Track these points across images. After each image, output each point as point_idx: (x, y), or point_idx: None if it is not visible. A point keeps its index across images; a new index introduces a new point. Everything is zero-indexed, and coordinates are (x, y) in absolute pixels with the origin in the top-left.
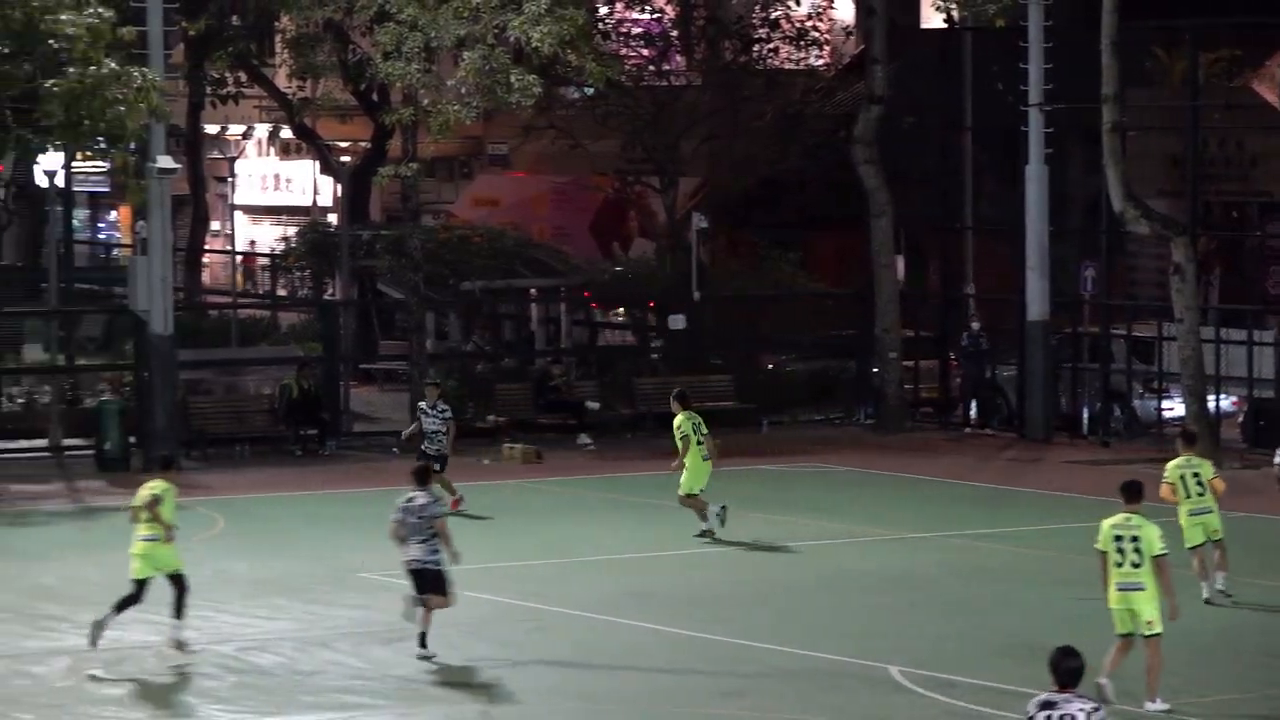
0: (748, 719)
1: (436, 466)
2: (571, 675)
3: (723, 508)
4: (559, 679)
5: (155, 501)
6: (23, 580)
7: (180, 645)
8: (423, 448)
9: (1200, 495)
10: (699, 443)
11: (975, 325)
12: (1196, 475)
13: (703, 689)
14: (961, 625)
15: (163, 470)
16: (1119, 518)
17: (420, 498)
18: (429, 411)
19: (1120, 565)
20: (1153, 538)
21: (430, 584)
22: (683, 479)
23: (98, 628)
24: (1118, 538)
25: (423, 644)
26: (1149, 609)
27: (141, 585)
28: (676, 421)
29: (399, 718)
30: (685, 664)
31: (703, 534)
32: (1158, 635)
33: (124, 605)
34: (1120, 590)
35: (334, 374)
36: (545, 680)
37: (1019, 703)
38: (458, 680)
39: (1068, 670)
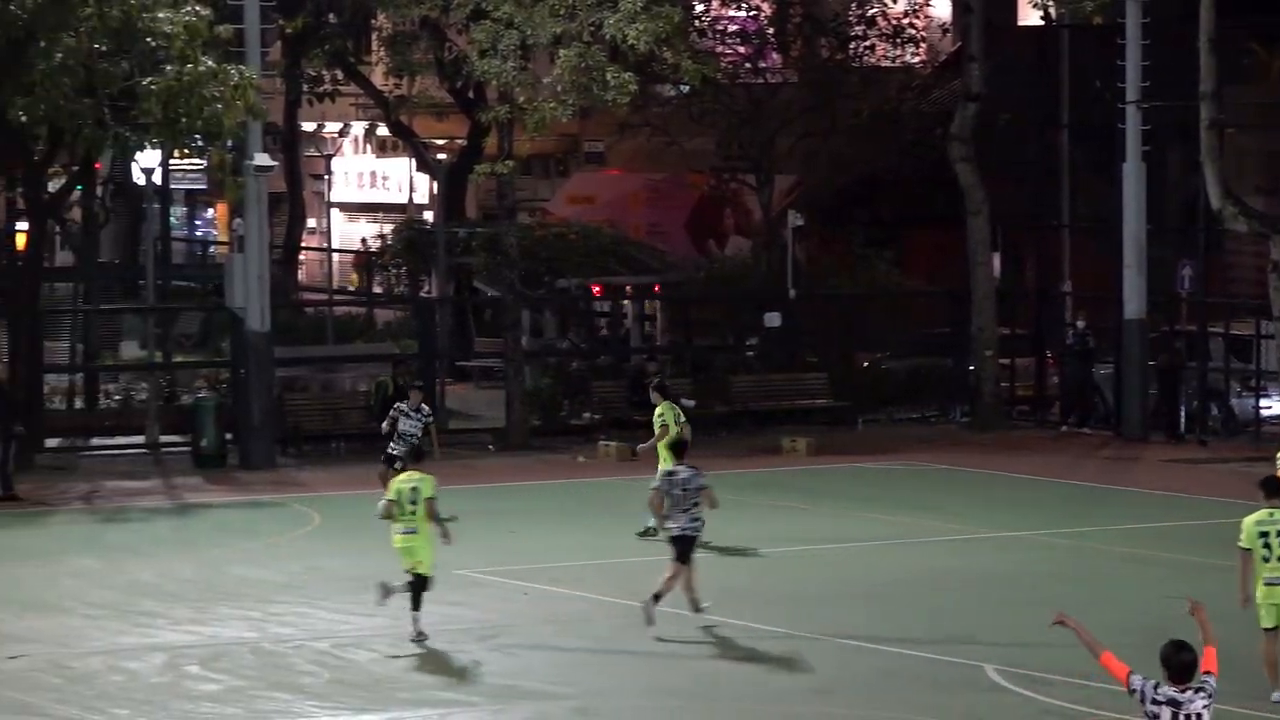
0: (840, 717)
1: (398, 465)
2: (664, 672)
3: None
4: (652, 675)
5: (430, 501)
6: (119, 576)
7: (420, 637)
8: (390, 447)
9: None
10: (678, 431)
11: (1080, 324)
12: None
13: (796, 687)
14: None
15: (415, 462)
16: (1262, 514)
17: (683, 472)
18: (410, 414)
19: (1268, 560)
20: None
21: (690, 549)
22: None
23: (415, 625)
24: (1263, 534)
25: (696, 609)
26: None
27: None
28: (658, 410)
29: (493, 715)
30: (777, 661)
31: (646, 531)
32: None
33: (416, 599)
34: (1269, 585)
35: (429, 371)
36: (638, 676)
37: (1115, 701)
38: (551, 677)
39: (1181, 664)
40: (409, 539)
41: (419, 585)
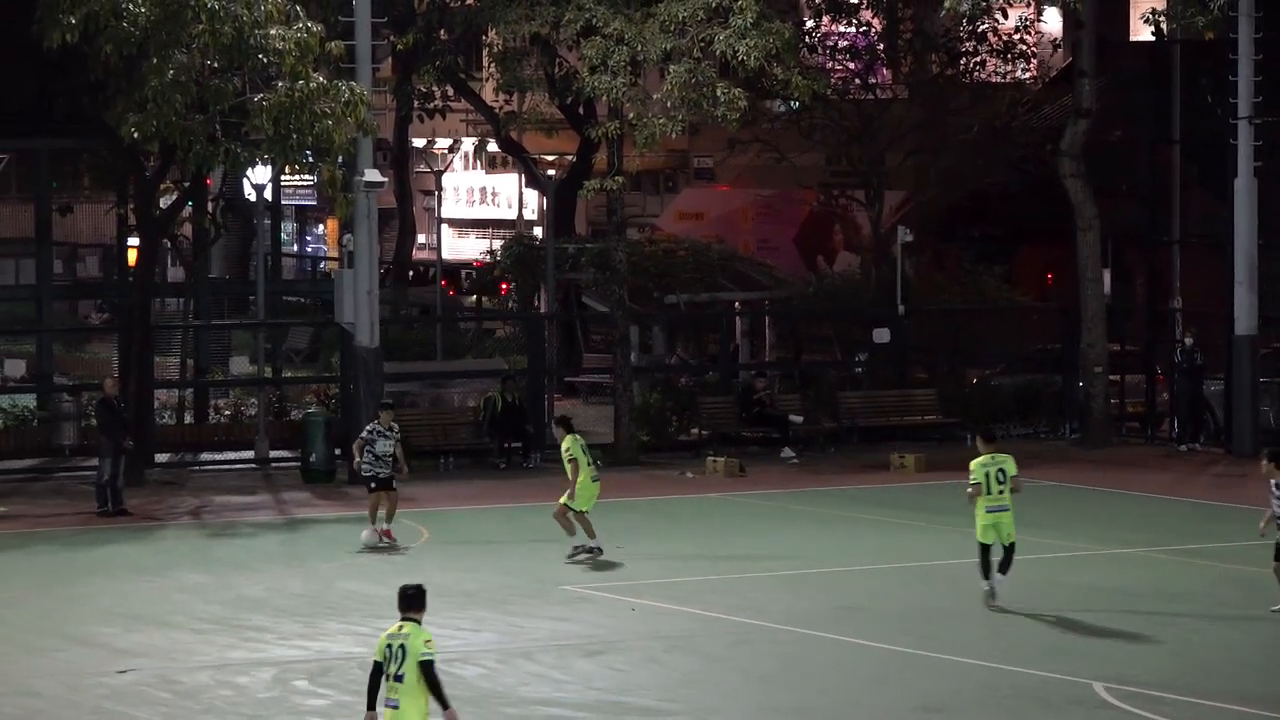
0: None
1: (375, 485)
2: (772, 689)
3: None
4: (762, 692)
5: (1016, 476)
6: (228, 591)
7: (992, 595)
8: (375, 472)
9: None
10: (588, 464)
11: (1189, 340)
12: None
13: (905, 704)
14: (1168, 641)
15: (986, 442)
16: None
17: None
18: (386, 434)
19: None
20: None
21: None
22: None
23: (990, 596)
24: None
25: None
26: None
27: (986, 550)
28: (564, 445)
29: None
30: (889, 678)
31: (575, 551)
32: None
33: (986, 568)
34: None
35: (538, 387)
36: (749, 694)
37: (1224, 718)
38: (659, 694)
39: None
40: (998, 516)
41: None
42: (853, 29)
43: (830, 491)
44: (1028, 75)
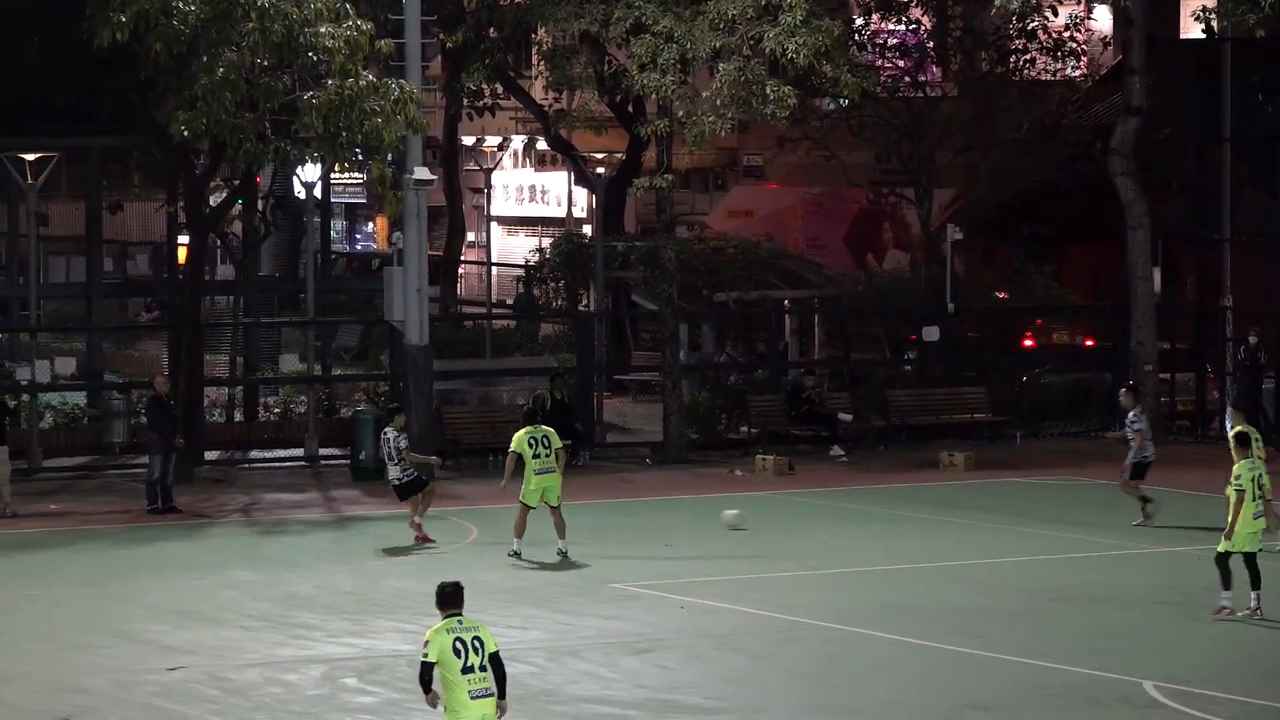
0: None
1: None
2: (819, 688)
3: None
4: (808, 690)
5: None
6: (277, 589)
7: (1256, 612)
8: (404, 475)
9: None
10: (533, 457)
11: (1253, 339)
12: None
13: (951, 702)
14: (1217, 640)
15: (1242, 447)
16: None
17: None
18: (400, 433)
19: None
20: None
21: None
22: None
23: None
24: None
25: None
26: None
27: (1228, 558)
28: (517, 437)
29: None
30: (937, 677)
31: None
32: None
33: (1228, 579)
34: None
35: (587, 385)
36: (795, 692)
37: (1276, 718)
38: (707, 691)
39: None
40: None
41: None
42: (902, 26)
43: (879, 490)
44: (1078, 73)
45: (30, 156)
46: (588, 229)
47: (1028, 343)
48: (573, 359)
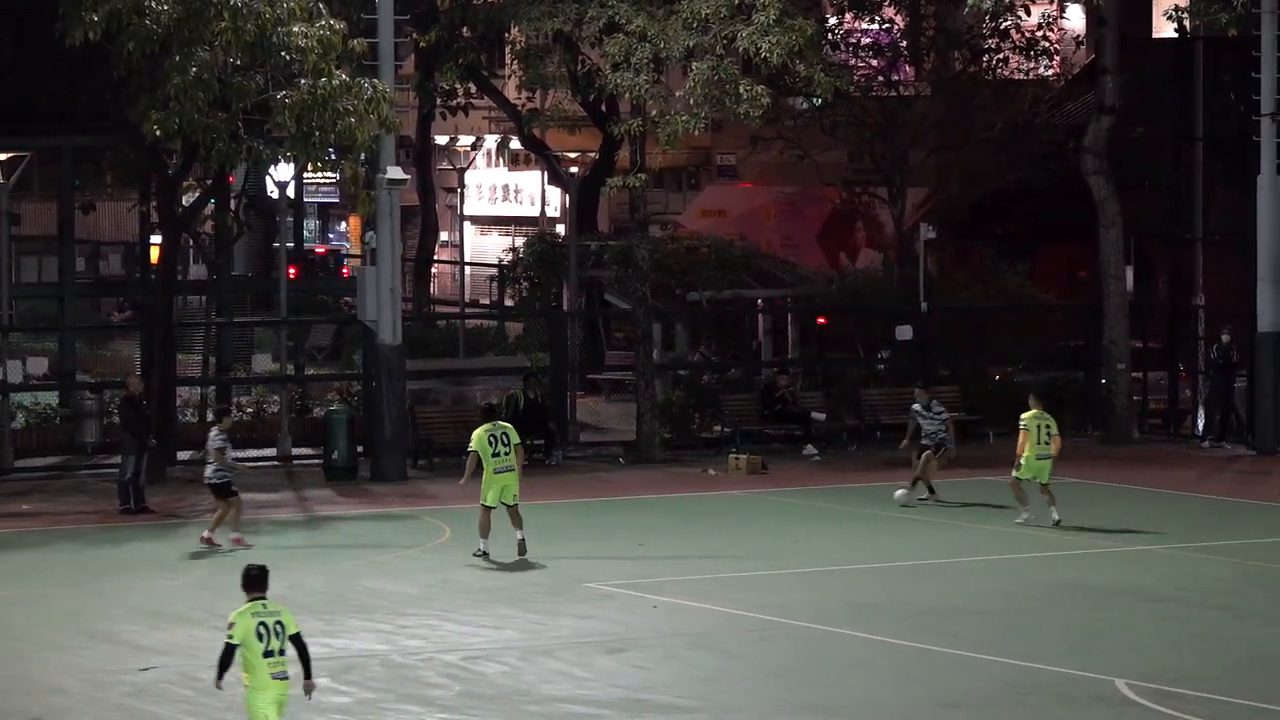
0: None
1: None
2: (793, 686)
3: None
4: (781, 690)
5: None
6: None
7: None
8: (215, 476)
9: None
10: (492, 455)
11: (1225, 338)
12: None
13: (924, 701)
14: (1189, 638)
15: None
16: None
17: None
18: (218, 435)
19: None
20: None
21: None
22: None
23: None
24: None
25: None
26: None
27: None
28: (476, 434)
29: None
30: (910, 675)
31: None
32: None
33: None
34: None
35: (561, 384)
36: (769, 691)
37: (1248, 717)
38: (681, 690)
39: None
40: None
41: None
42: (875, 26)
43: (852, 489)
44: (1051, 72)
45: (2, 156)
46: (561, 228)
47: (820, 321)
48: (546, 358)
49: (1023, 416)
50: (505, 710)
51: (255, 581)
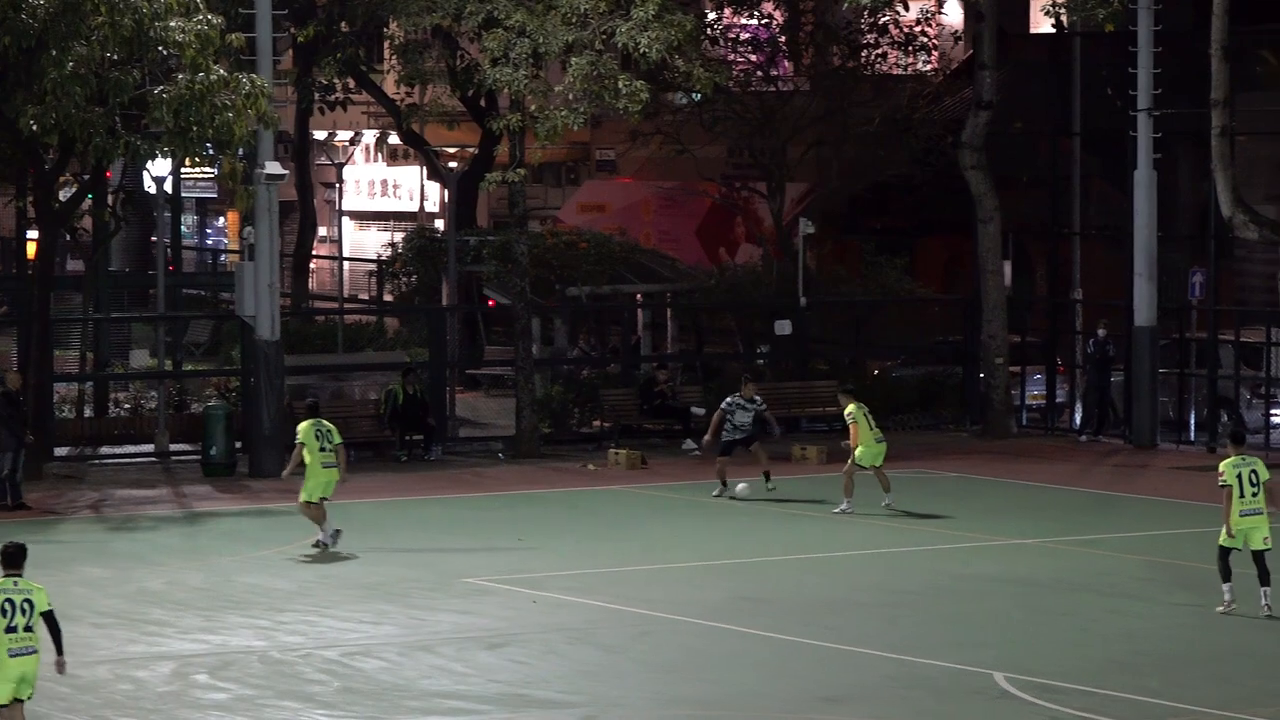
0: None
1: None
2: (673, 681)
3: (336, 531)
4: (664, 684)
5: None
6: (128, 585)
7: (1269, 610)
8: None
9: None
10: (319, 450)
11: (1102, 332)
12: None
13: (808, 694)
14: (1067, 631)
15: (1236, 444)
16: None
17: None
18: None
19: None
20: None
21: None
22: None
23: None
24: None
25: None
26: None
27: (1227, 554)
28: (301, 428)
29: None
30: (791, 669)
31: (318, 544)
32: None
33: (1227, 572)
34: None
35: (440, 380)
36: (650, 685)
37: (1126, 710)
38: (561, 686)
39: None
40: (1254, 520)
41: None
42: (754, 21)
43: (732, 483)
44: (929, 67)
45: None
46: (440, 223)
47: (490, 303)
48: (425, 354)
49: (848, 410)
50: (384, 706)
51: (10, 559)
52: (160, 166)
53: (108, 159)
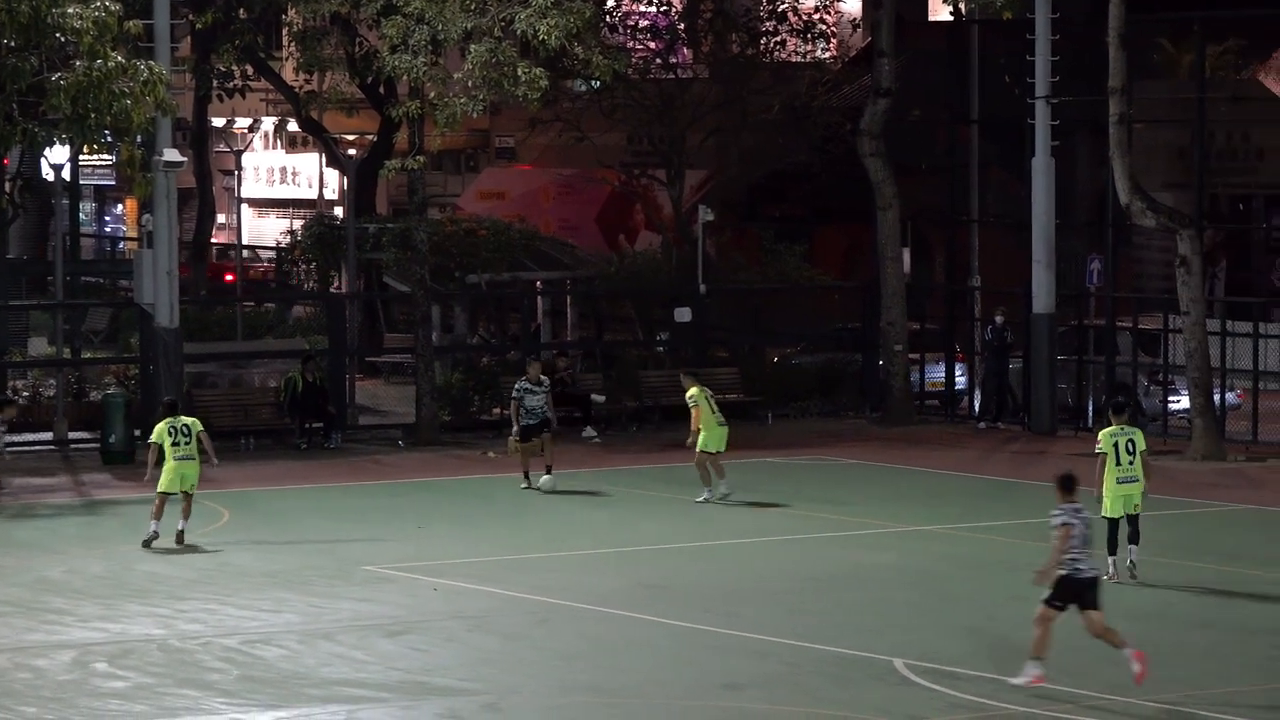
0: (753, 712)
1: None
2: (573, 668)
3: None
4: (561, 671)
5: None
6: (27, 574)
7: (1132, 570)
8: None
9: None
10: (174, 444)
11: (999, 319)
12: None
13: (708, 681)
14: (966, 618)
15: (1116, 414)
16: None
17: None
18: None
19: None
20: None
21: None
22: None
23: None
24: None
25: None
26: None
27: (1115, 525)
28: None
29: (403, 710)
30: (691, 657)
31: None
32: None
33: (1114, 545)
34: None
35: (339, 367)
36: (550, 673)
37: (1023, 695)
38: (461, 673)
39: None
40: (1130, 488)
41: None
42: (653, 8)
43: (632, 470)
44: (828, 55)
45: None
46: (339, 211)
47: (229, 277)
48: (325, 341)
49: (690, 393)
50: (284, 694)
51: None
52: (58, 154)
53: (5, 146)
